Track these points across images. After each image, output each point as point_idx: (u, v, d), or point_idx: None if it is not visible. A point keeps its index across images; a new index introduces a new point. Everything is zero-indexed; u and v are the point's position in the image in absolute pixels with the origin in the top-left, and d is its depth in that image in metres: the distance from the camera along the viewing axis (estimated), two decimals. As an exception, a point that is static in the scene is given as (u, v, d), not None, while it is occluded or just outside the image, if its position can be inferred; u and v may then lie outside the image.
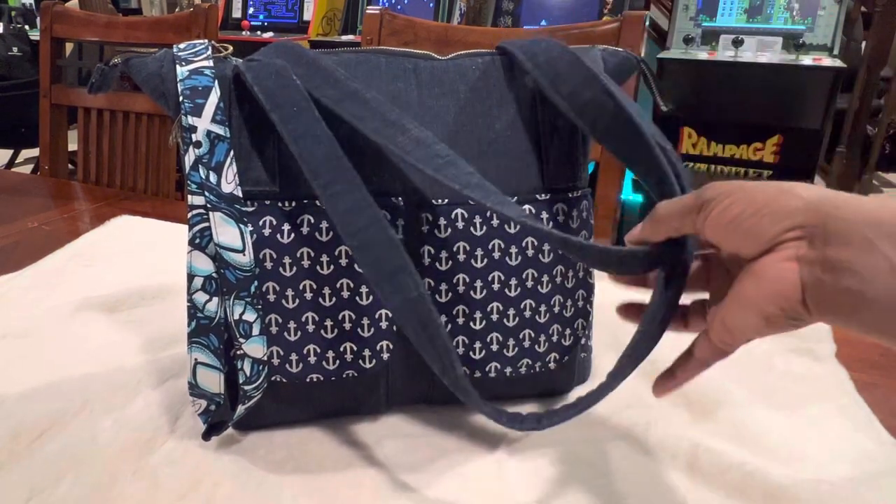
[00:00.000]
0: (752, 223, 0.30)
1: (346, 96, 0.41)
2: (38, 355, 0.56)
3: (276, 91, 0.41)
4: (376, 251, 0.37)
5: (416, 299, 0.37)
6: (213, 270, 0.40)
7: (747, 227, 0.31)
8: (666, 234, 0.35)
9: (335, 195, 0.38)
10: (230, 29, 2.63)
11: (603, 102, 0.40)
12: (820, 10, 2.00)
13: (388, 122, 0.40)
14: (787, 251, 0.30)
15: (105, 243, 0.81)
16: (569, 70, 0.42)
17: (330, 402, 0.47)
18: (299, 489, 0.42)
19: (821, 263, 0.28)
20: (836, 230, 0.28)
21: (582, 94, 0.41)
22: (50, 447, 0.44)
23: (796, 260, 0.29)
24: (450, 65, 0.46)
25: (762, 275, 0.30)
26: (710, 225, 0.32)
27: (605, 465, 0.44)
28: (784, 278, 0.30)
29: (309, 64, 0.43)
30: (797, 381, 0.54)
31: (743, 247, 0.31)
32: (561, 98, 0.42)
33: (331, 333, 0.44)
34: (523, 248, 0.45)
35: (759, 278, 0.31)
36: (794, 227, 0.29)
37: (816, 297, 0.29)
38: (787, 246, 0.30)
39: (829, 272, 0.28)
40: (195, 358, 0.41)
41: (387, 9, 1.06)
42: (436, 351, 0.37)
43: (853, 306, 0.28)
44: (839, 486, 0.41)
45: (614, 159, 0.96)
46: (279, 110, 0.40)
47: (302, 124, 0.40)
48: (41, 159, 1.29)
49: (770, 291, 0.30)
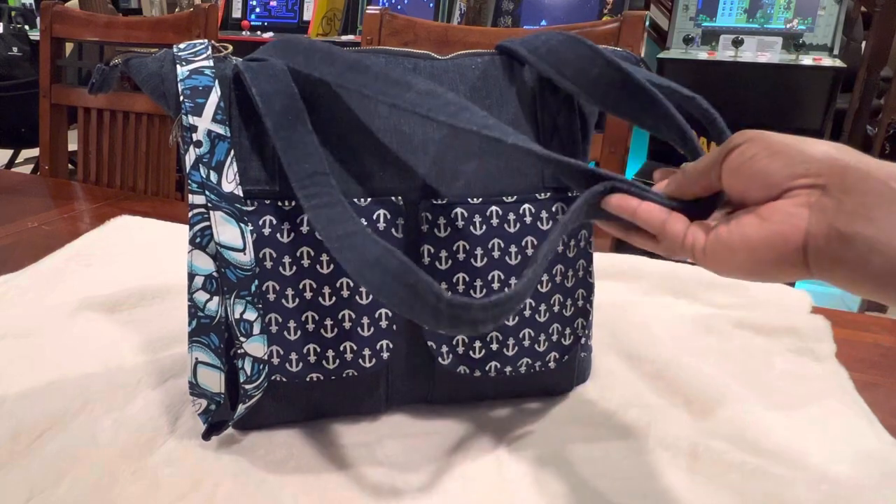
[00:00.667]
0: (764, 165, 0.30)
1: (346, 69, 0.41)
2: (38, 355, 0.56)
3: (272, 96, 0.41)
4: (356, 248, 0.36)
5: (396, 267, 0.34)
6: (213, 269, 0.40)
7: (759, 169, 0.30)
8: (694, 194, 0.35)
9: (318, 206, 0.38)
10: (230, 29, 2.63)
11: (610, 76, 0.40)
12: (820, 10, 2.00)
13: (392, 81, 0.40)
14: (798, 198, 0.29)
15: (105, 243, 0.81)
16: (571, 52, 0.42)
17: (330, 402, 0.47)
18: (299, 489, 0.42)
19: (835, 210, 0.28)
20: (857, 179, 0.28)
21: (588, 71, 0.41)
22: (50, 447, 0.44)
23: (807, 206, 0.29)
24: (450, 64, 0.46)
25: (768, 217, 0.30)
26: (726, 168, 0.32)
27: (605, 465, 0.44)
28: (790, 223, 0.29)
29: (306, 49, 0.43)
30: (797, 380, 0.54)
31: (753, 190, 0.31)
32: (569, 81, 0.42)
33: (331, 333, 0.44)
34: (523, 247, 0.45)
35: (763, 220, 0.30)
36: (808, 174, 0.29)
37: (823, 245, 0.29)
38: (799, 193, 0.29)
39: (842, 218, 0.28)
40: (196, 357, 0.41)
41: (387, 9, 1.06)
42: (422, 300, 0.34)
43: (863, 255, 0.28)
44: (839, 486, 0.41)
45: (615, 158, 0.96)
46: (273, 117, 0.40)
47: (293, 134, 0.40)
48: (41, 159, 1.29)
49: (772, 234, 0.30)
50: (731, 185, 0.32)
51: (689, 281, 0.70)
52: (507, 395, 0.51)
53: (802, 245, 0.29)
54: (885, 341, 0.63)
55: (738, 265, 0.32)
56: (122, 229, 0.86)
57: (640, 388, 0.53)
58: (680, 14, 2.16)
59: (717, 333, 0.61)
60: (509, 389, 0.50)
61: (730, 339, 0.60)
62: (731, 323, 0.62)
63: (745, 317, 0.63)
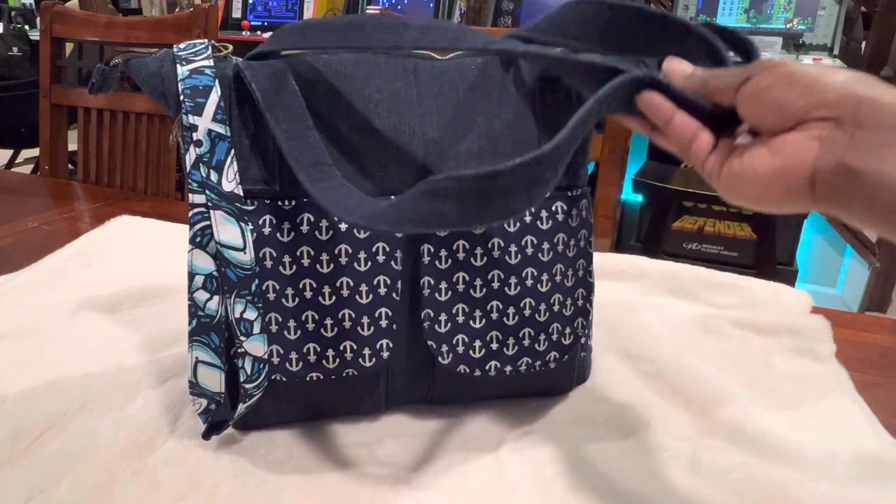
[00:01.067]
0: (780, 95, 0.30)
1: (343, 30, 0.41)
2: (38, 355, 0.56)
3: (272, 93, 0.41)
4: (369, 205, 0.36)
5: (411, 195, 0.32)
6: (213, 269, 0.40)
7: (775, 99, 0.30)
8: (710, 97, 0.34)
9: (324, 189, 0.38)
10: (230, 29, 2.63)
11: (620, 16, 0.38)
12: (820, 10, 2.00)
13: (389, 27, 0.40)
14: (810, 131, 0.30)
15: (105, 243, 0.81)
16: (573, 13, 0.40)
17: (330, 402, 0.47)
18: (299, 489, 0.42)
19: (846, 144, 0.28)
20: (871, 112, 0.28)
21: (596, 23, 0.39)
22: (50, 447, 0.44)
23: (817, 140, 0.29)
24: (449, 64, 0.46)
25: (778, 151, 0.30)
26: (743, 94, 0.32)
27: (605, 465, 0.44)
28: (800, 156, 0.30)
29: (303, 27, 0.43)
30: (797, 380, 0.54)
31: (768, 119, 0.31)
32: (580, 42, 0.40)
33: (331, 332, 0.44)
34: (523, 246, 0.45)
35: (774, 153, 0.31)
36: (822, 106, 0.29)
37: (831, 179, 0.29)
38: (812, 126, 0.30)
39: (853, 153, 0.28)
40: (196, 356, 0.41)
41: (387, 9, 1.06)
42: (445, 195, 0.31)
43: (872, 190, 0.28)
44: (839, 486, 0.41)
45: (614, 158, 0.96)
46: (274, 111, 0.40)
47: (295, 127, 0.40)
48: (41, 159, 1.29)
49: (780, 168, 0.30)
50: (747, 111, 0.32)
51: (689, 281, 0.70)
52: (507, 394, 0.50)
53: (810, 179, 0.30)
54: (885, 341, 0.63)
55: (749, 196, 0.32)
56: (122, 229, 0.86)
57: (640, 388, 0.53)
58: (680, 14, 2.16)
59: (717, 333, 0.61)
60: (509, 389, 0.50)
61: (729, 339, 0.60)
62: (730, 323, 0.62)
63: (744, 317, 0.63)
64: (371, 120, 0.44)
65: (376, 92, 0.44)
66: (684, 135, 0.35)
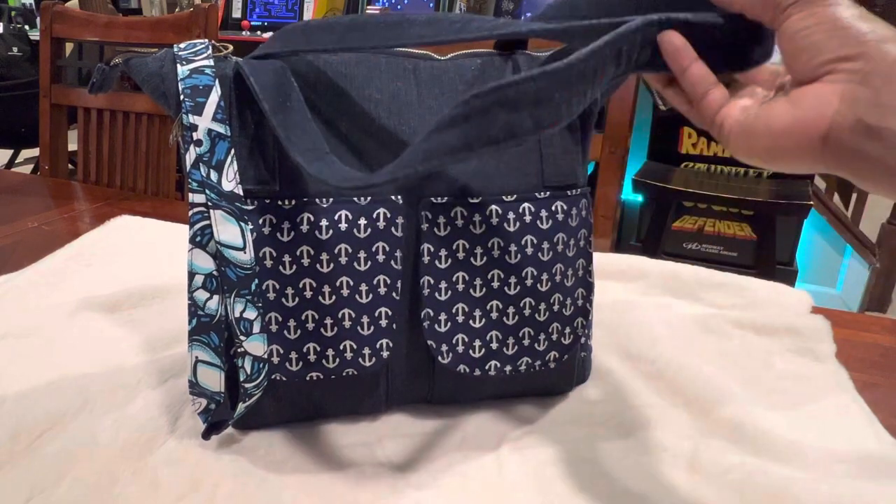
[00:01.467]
0: (815, 41, 0.30)
1: (346, 30, 0.41)
2: (38, 355, 0.56)
3: (271, 88, 0.41)
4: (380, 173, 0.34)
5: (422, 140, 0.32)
6: (213, 268, 0.40)
7: (811, 42, 0.30)
8: (741, 7, 0.33)
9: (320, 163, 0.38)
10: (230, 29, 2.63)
11: None
12: (820, 11, 2.00)
13: (391, 25, 0.40)
14: (832, 85, 0.29)
15: (105, 243, 0.81)
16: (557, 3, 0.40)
17: (330, 401, 0.47)
18: (299, 489, 0.42)
19: (868, 102, 0.28)
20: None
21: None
22: (50, 447, 0.44)
23: (839, 95, 0.29)
24: (449, 65, 0.47)
25: (796, 103, 0.30)
26: (784, 31, 0.31)
27: (605, 465, 0.44)
28: (818, 110, 0.29)
29: (305, 28, 0.43)
30: (797, 380, 0.54)
31: (800, 59, 0.30)
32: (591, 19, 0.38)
33: (331, 331, 0.44)
34: (522, 246, 0.45)
35: (792, 106, 0.30)
36: (851, 58, 0.28)
37: (845, 138, 0.28)
38: (836, 79, 0.29)
39: (874, 111, 0.27)
40: (196, 356, 0.41)
41: (387, 8, 1.06)
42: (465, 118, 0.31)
43: (888, 148, 0.27)
44: (839, 486, 0.41)
45: (614, 158, 0.96)
46: (271, 102, 0.40)
47: (292, 117, 0.40)
48: (41, 159, 1.29)
49: (795, 121, 0.30)
50: (783, 45, 0.31)
51: (689, 281, 0.70)
52: (507, 394, 0.51)
53: (824, 135, 0.29)
54: (885, 341, 0.63)
55: (758, 151, 0.32)
56: (122, 229, 0.86)
57: (640, 388, 0.53)
58: (680, 14, 2.16)
59: (717, 333, 0.61)
60: (509, 389, 0.50)
61: (730, 339, 0.60)
62: (730, 323, 0.62)
63: (744, 317, 0.63)
64: (371, 120, 0.44)
65: (377, 92, 0.44)
66: (700, 86, 0.34)
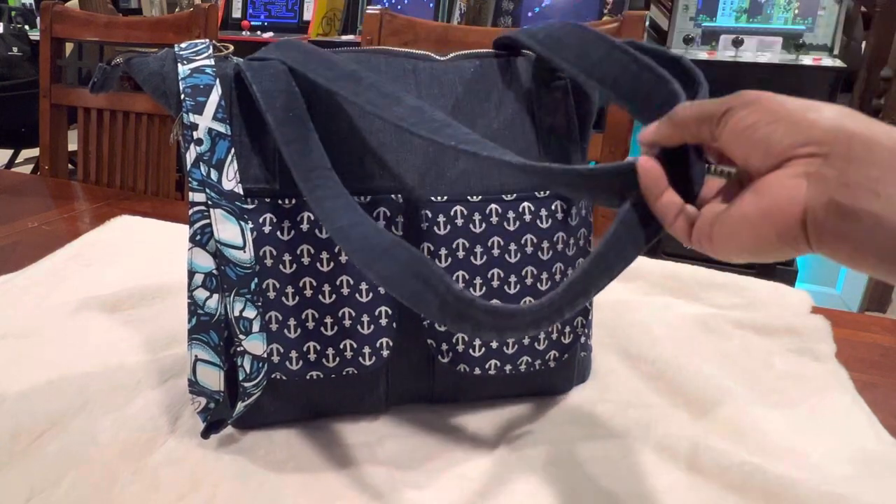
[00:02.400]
0: (766, 132, 0.29)
1: (341, 76, 0.41)
2: (38, 355, 0.56)
3: (274, 94, 0.41)
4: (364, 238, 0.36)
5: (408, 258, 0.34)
6: (213, 267, 0.40)
7: (760, 136, 0.29)
8: (681, 139, 0.33)
9: (322, 198, 0.38)
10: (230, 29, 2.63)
11: (615, 58, 0.38)
12: (820, 10, 2.00)
13: (382, 94, 0.40)
14: (796, 168, 0.28)
15: (105, 243, 0.81)
16: (571, 37, 0.41)
17: (330, 400, 0.47)
18: (299, 489, 0.42)
19: (837, 182, 0.26)
20: (862, 149, 0.26)
21: (590, 54, 0.40)
22: (50, 447, 0.44)
23: (805, 177, 0.28)
24: (449, 66, 0.47)
25: (765, 191, 0.29)
26: (726, 132, 0.30)
27: (605, 465, 0.44)
28: (787, 196, 0.28)
29: (307, 52, 0.43)
30: (797, 380, 0.54)
31: (753, 157, 0.30)
32: (570, 65, 0.41)
33: (331, 330, 0.44)
34: (522, 245, 0.45)
35: (760, 195, 0.29)
36: (809, 143, 0.28)
37: (822, 219, 0.27)
38: (798, 163, 0.28)
39: (844, 191, 0.26)
40: (195, 355, 0.41)
41: (387, 9, 1.06)
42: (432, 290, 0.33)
43: (864, 230, 0.26)
44: (839, 486, 0.41)
45: (614, 158, 0.96)
46: (275, 112, 0.40)
47: (295, 129, 0.40)
48: (41, 159, 1.29)
49: (769, 209, 0.29)
50: (732, 150, 0.31)
51: (689, 281, 0.70)
52: (507, 394, 0.50)
53: (801, 220, 0.28)
54: (885, 341, 0.63)
55: (742, 247, 0.31)
56: (122, 229, 0.86)
57: (640, 388, 0.53)
58: (680, 14, 2.16)
59: (717, 333, 0.61)
60: (509, 389, 0.50)
61: (729, 339, 0.60)
62: (730, 323, 0.62)
63: (744, 317, 0.63)
64: (371, 119, 0.44)
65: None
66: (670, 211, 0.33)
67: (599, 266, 0.33)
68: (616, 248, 0.34)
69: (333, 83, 0.41)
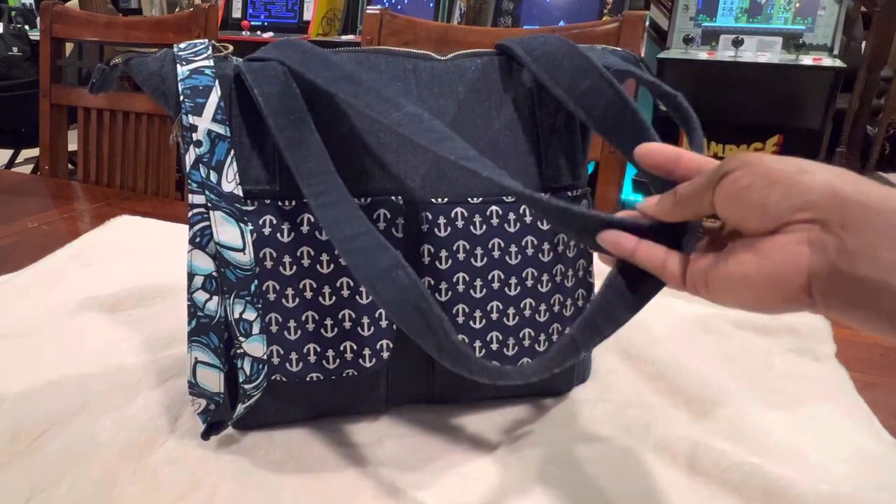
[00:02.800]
0: (761, 196, 0.28)
1: (340, 78, 0.41)
2: (38, 355, 0.56)
3: (274, 96, 0.41)
4: (366, 253, 0.36)
5: (408, 286, 0.35)
6: (213, 269, 0.40)
7: (756, 200, 0.29)
8: (683, 217, 0.33)
9: (325, 205, 0.38)
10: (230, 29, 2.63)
11: (602, 90, 0.39)
12: (820, 10, 2.00)
13: (382, 98, 0.40)
14: (797, 234, 0.28)
15: (105, 243, 0.81)
16: (566, 60, 0.42)
17: (330, 402, 0.47)
18: (299, 489, 0.42)
19: (836, 249, 0.26)
20: (857, 214, 0.26)
21: (580, 83, 0.40)
22: (50, 447, 0.44)
23: (807, 244, 0.27)
24: (449, 65, 0.46)
25: (767, 255, 0.29)
26: (720, 195, 0.30)
27: (605, 465, 0.44)
28: (791, 263, 0.28)
29: (307, 52, 0.43)
30: (797, 380, 0.54)
31: (749, 220, 0.29)
32: (560, 89, 0.42)
33: (331, 332, 0.44)
34: (523, 247, 0.45)
35: (762, 258, 0.29)
36: (806, 207, 0.27)
37: (827, 285, 0.27)
38: (798, 228, 0.28)
39: (845, 258, 0.26)
40: (195, 357, 0.41)
41: (387, 9, 1.06)
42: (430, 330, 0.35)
43: (870, 296, 0.26)
44: (839, 486, 0.41)
45: (614, 158, 0.96)
46: (276, 116, 0.40)
47: (297, 133, 0.40)
48: (41, 159, 1.29)
49: (772, 274, 0.28)
50: (727, 213, 0.31)
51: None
52: (507, 394, 0.50)
53: (806, 285, 0.28)
54: (885, 341, 0.63)
55: (744, 302, 0.30)
56: (122, 229, 0.86)
57: (640, 388, 0.53)
58: (680, 14, 2.16)
59: (717, 333, 0.61)
60: (509, 389, 0.50)
61: (729, 339, 0.60)
62: (730, 323, 0.62)
63: (744, 317, 0.63)
64: (372, 120, 0.44)
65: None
66: (653, 263, 0.33)
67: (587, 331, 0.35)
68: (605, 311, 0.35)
69: (332, 84, 0.41)
